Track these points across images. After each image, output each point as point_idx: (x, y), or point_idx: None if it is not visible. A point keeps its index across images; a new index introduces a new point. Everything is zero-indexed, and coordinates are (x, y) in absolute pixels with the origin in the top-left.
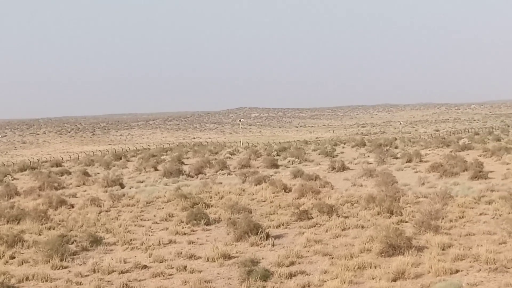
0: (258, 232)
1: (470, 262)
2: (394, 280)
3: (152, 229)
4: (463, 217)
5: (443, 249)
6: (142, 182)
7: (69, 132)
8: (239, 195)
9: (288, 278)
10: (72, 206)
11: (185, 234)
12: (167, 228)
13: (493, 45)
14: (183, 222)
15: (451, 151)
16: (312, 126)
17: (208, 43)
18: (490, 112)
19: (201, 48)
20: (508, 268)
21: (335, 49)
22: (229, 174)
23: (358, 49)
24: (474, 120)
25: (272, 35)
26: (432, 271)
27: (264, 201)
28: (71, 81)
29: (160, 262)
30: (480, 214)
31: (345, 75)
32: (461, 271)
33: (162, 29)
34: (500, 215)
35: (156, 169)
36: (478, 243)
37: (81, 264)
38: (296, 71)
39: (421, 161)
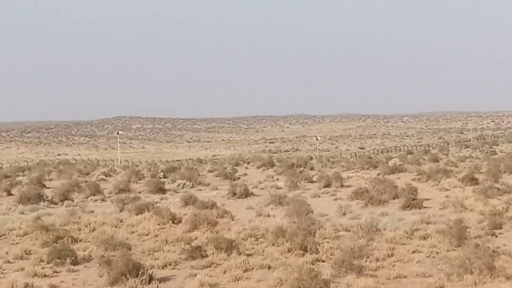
0: (138, 273)
1: None
2: None
3: (4, 269)
4: (392, 255)
5: None
6: None
7: None
8: (116, 226)
9: None
10: None
11: (45, 276)
12: (22, 269)
13: (428, 49)
14: (43, 261)
15: (378, 174)
16: (208, 141)
17: (77, 36)
18: (427, 126)
19: (68, 43)
20: None
21: (238, 49)
22: (103, 200)
23: (266, 50)
24: (407, 136)
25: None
26: None
27: (147, 235)
28: None
29: None
30: (413, 251)
31: (250, 80)
32: None
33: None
34: (437, 253)
35: (9, 194)
36: None
37: None
38: (191, 74)
39: (342, 185)
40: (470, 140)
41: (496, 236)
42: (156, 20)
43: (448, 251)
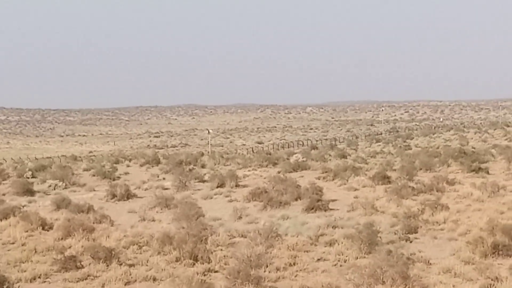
0: None
1: None
2: None
3: None
4: (294, 264)
5: None
6: None
7: None
8: None
9: None
10: None
11: None
12: None
13: (335, 35)
14: None
15: (279, 172)
16: (84, 135)
17: None
18: (333, 118)
19: None
20: None
21: (116, 32)
22: None
23: (147, 34)
24: (311, 129)
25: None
26: None
27: (13, 243)
28: None
29: None
30: (318, 259)
31: (131, 67)
32: None
33: None
34: (345, 261)
35: None
36: None
37: None
38: (63, 60)
39: (237, 185)
40: (381, 133)
41: (411, 241)
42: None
43: (357, 258)
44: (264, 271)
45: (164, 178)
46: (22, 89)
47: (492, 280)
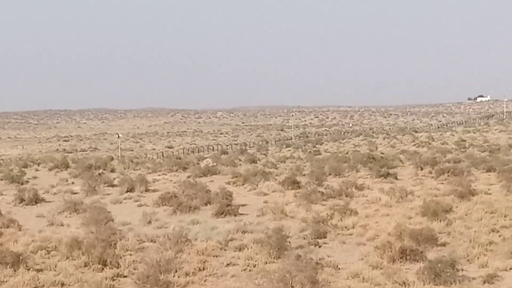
0: None
1: None
2: None
3: None
4: (204, 268)
5: None
6: None
7: None
8: None
9: None
10: None
11: None
12: None
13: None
14: None
15: (189, 177)
16: None
17: None
18: (243, 123)
19: None
20: None
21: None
22: None
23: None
24: (221, 134)
25: None
26: None
27: None
28: None
29: None
30: (228, 264)
31: (39, 71)
32: None
33: None
34: (255, 266)
35: None
36: None
37: None
38: None
39: (147, 190)
40: (291, 139)
41: (320, 246)
42: None
43: (266, 263)
44: (174, 276)
45: (73, 183)
46: None
47: (399, 284)
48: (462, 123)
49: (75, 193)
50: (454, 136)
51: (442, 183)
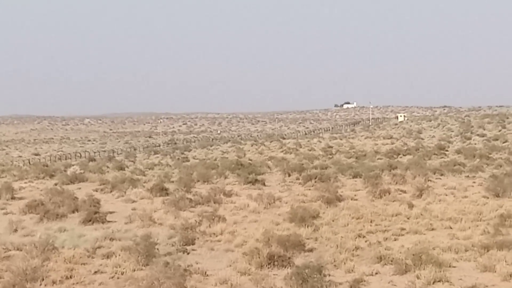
0: None
1: None
2: None
3: None
4: (71, 276)
5: None
6: None
7: None
8: None
9: None
10: None
11: None
12: None
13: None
14: None
15: (56, 184)
16: None
17: None
18: (111, 130)
19: None
20: None
21: None
22: None
23: None
24: (89, 141)
25: None
26: None
27: None
28: None
29: None
30: (95, 272)
31: None
32: None
33: None
34: (123, 274)
35: None
36: None
37: None
38: None
39: (13, 198)
40: (160, 145)
41: (188, 253)
42: None
43: (134, 270)
44: (40, 285)
45: None
46: None
47: None
48: (329, 130)
49: None
50: (321, 143)
51: (309, 189)
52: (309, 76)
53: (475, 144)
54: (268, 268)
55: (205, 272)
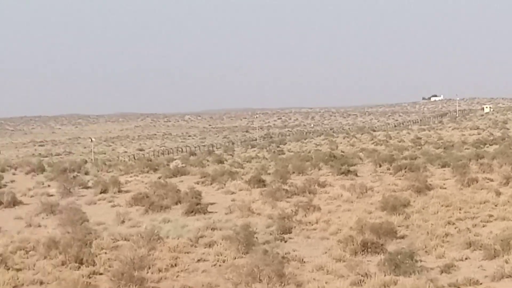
0: None
1: None
2: None
3: None
4: (176, 265)
5: None
6: None
7: None
8: None
9: None
10: None
11: None
12: None
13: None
14: None
15: (159, 178)
16: None
17: None
18: (210, 125)
19: None
20: None
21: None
22: None
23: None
24: (190, 136)
25: None
26: None
27: None
28: None
29: None
30: (198, 260)
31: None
32: None
33: None
34: (224, 262)
35: None
36: None
37: None
38: None
39: (120, 191)
40: (256, 139)
41: (286, 241)
42: None
43: (235, 258)
44: (147, 272)
45: (49, 185)
46: None
47: (362, 276)
48: (418, 122)
49: (51, 196)
50: (410, 134)
51: (399, 179)
52: (398, 70)
53: None
54: (362, 254)
55: (302, 259)
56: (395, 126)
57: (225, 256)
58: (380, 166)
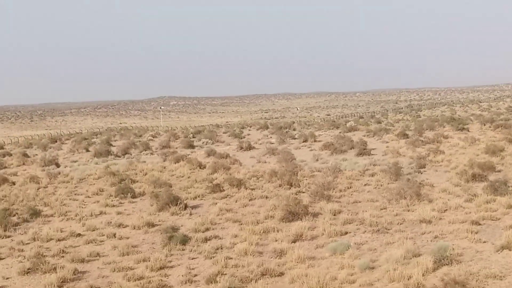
0: (177, 203)
1: (357, 225)
2: (294, 241)
3: (85, 202)
4: (350, 187)
5: (334, 215)
6: (75, 162)
7: (10, 119)
8: (161, 172)
9: (204, 242)
10: (14, 183)
11: (114, 206)
12: (98, 201)
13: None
14: (112, 195)
15: (340, 132)
16: (222, 112)
17: (133, 39)
18: (372, 99)
19: (126, 45)
20: (388, 230)
21: (241, 45)
22: (151, 154)
23: (259, 45)
24: (359, 106)
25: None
26: (325, 233)
27: (182, 177)
28: (11, 72)
29: (93, 231)
30: (365, 184)
31: (250, 68)
32: (350, 233)
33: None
34: (381, 185)
35: (87, 150)
36: (363, 209)
37: (22, 234)
38: (208, 65)
39: (315, 141)
40: (402, 108)
41: (421, 173)
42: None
43: (388, 184)
44: (332, 192)
45: (271, 137)
46: (186, 84)
47: (472, 196)
48: (510, 96)
49: (272, 143)
50: (504, 104)
51: (498, 133)
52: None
53: None
54: (472, 182)
55: (432, 185)
56: (494, 99)
57: (382, 182)
58: (484, 125)
